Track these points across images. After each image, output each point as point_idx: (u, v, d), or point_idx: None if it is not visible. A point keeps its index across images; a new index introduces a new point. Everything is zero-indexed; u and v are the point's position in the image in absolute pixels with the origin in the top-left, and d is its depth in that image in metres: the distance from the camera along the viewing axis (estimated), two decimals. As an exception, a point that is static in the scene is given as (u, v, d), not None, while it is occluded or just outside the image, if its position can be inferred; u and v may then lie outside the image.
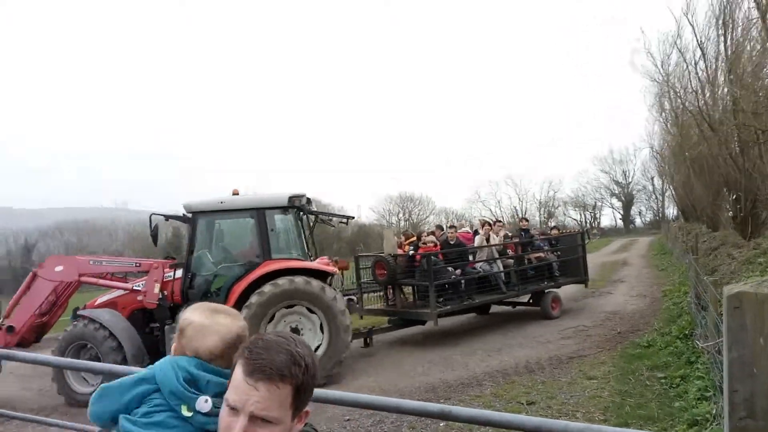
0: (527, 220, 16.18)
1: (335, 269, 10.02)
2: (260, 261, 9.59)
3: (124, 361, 8.54)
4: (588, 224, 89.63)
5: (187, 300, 9.51)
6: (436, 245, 12.30)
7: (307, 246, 10.58)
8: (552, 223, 16.73)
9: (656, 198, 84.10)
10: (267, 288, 9.17)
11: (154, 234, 10.15)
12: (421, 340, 12.12)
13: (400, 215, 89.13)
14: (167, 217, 10.82)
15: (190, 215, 9.92)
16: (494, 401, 7.39)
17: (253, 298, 9.13)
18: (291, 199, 9.99)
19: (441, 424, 6.55)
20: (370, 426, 6.86)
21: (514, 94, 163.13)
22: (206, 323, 1.74)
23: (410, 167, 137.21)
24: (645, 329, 11.02)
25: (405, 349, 11.25)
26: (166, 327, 9.30)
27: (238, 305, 8.90)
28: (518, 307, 14.13)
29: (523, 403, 7.14)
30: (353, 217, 13.83)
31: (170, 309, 9.56)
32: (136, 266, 10.29)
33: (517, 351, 10.13)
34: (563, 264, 14.44)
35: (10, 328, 9.39)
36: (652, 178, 79.01)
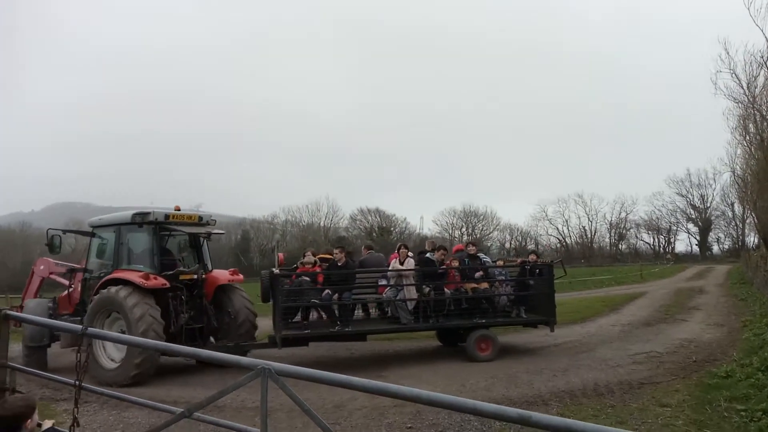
0: (474, 245, 13.23)
1: (145, 282, 10.53)
2: (110, 271, 11.17)
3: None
4: (661, 249, 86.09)
5: (82, 299, 11.85)
6: (314, 266, 12.08)
7: (197, 258, 12.40)
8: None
9: (736, 225, 79.76)
10: (94, 298, 10.80)
11: (49, 244, 12.54)
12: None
13: (463, 229, 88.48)
14: (65, 231, 13.33)
15: (90, 229, 12.17)
16: (560, 421, 7.18)
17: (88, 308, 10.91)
18: (134, 216, 11.31)
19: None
20: (432, 436, 6.82)
21: (587, 109, 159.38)
22: None
23: (476, 180, 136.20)
24: (723, 359, 10.46)
25: (469, 363, 11.13)
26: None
27: None
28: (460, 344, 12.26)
29: (591, 425, 6.91)
30: (220, 233, 14.57)
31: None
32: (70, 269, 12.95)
33: (584, 373, 9.83)
34: (523, 299, 12.25)
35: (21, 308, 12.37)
36: (732, 204, 75.06)
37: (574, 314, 17.74)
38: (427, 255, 12.25)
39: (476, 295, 11.84)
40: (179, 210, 11.84)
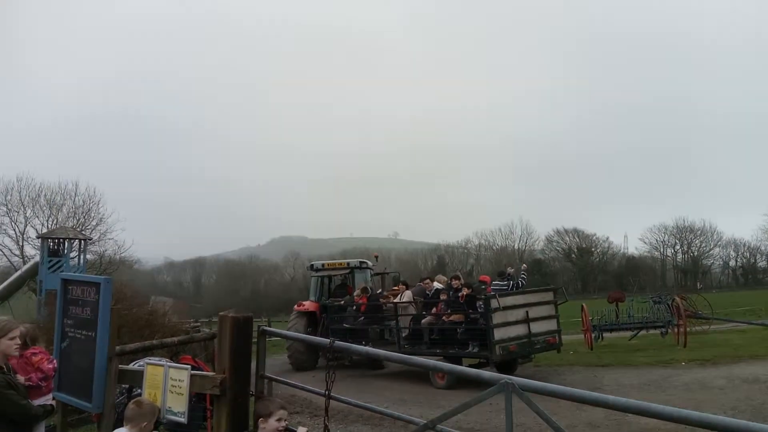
0: (458, 278, 13.57)
1: (297, 308, 16.87)
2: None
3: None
4: None
5: None
6: (361, 297, 14.73)
7: (328, 294, 17.79)
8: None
9: None
10: None
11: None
12: (723, 384, 10.72)
13: (677, 247, 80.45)
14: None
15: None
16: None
17: None
18: (307, 267, 19.06)
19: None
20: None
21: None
22: None
23: (689, 191, 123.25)
24: None
25: (700, 391, 10.13)
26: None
27: None
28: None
29: None
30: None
31: None
32: None
33: None
34: (468, 334, 12.12)
35: None
36: None
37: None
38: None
39: (439, 326, 12.74)
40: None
